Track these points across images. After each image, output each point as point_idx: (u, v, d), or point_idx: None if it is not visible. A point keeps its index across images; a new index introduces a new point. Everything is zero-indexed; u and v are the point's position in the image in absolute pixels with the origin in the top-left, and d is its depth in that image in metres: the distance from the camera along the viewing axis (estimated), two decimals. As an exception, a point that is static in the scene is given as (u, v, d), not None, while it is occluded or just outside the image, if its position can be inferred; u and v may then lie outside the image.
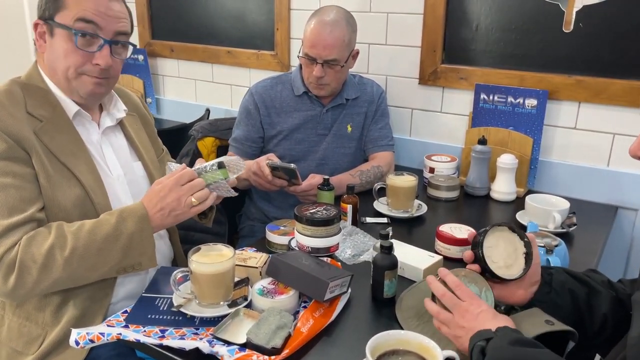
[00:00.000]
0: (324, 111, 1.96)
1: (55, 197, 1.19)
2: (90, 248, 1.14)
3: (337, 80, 1.89)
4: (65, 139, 1.24)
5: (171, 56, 2.93)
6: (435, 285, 1.05)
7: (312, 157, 1.98)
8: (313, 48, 1.81)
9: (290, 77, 1.99)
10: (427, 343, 0.94)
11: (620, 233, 1.89)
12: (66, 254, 1.12)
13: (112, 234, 1.16)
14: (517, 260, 1.11)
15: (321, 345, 1.08)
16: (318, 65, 1.82)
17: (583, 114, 1.92)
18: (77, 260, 1.13)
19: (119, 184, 1.34)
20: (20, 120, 1.18)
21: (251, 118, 1.96)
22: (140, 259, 1.20)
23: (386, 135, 2.04)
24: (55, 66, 1.25)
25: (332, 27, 1.80)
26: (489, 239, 1.11)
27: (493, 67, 2.03)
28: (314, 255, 1.34)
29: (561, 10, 1.86)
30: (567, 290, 1.10)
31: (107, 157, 1.34)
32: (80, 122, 1.31)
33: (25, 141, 1.17)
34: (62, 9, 1.21)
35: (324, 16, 1.82)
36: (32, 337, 1.25)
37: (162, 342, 1.04)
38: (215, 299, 1.13)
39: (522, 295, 1.11)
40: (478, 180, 1.93)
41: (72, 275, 1.15)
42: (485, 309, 0.98)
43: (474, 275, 1.08)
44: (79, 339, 1.05)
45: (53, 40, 1.23)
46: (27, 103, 1.22)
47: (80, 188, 1.23)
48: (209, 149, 2.10)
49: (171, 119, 2.97)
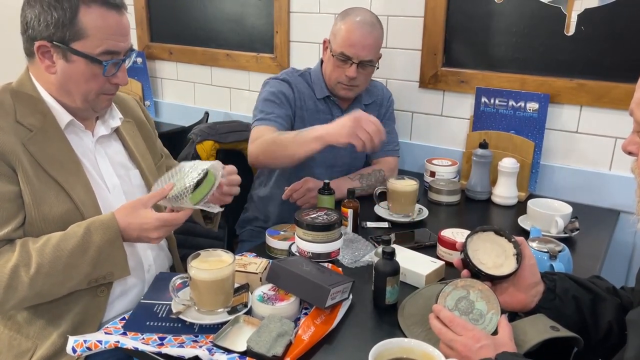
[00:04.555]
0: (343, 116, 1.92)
1: (41, 212, 1.16)
2: (57, 264, 1.11)
3: (366, 82, 1.88)
4: (55, 149, 1.21)
5: (170, 59, 2.91)
6: (434, 323, 1.03)
7: (326, 163, 1.92)
8: (352, 47, 1.77)
9: (312, 78, 1.94)
10: (432, 351, 0.93)
11: (622, 238, 1.87)
12: (31, 273, 1.09)
13: (80, 247, 1.13)
14: (507, 260, 1.11)
15: (323, 353, 1.06)
16: (353, 65, 1.79)
17: (585, 117, 1.91)
18: (43, 278, 1.11)
19: (115, 194, 1.31)
20: (7, 131, 1.16)
21: (287, 99, 1.86)
22: (112, 269, 1.18)
23: (392, 140, 2.02)
24: (70, 89, 1.22)
25: (371, 28, 1.79)
26: (475, 242, 1.13)
27: (494, 70, 2.02)
28: (314, 260, 1.33)
29: (562, 13, 1.85)
30: (571, 297, 1.09)
31: (101, 167, 1.31)
32: (73, 132, 1.27)
33: (11, 155, 1.14)
34: (83, 38, 1.17)
35: (361, 17, 1.80)
36: (22, 350, 1.23)
37: (160, 350, 1.03)
38: (214, 305, 1.12)
39: (523, 300, 1.09)
40: (479, 184, 1.92)
41: (40, 293, 1.12)
42: (485, 344, 0.95)
43: (489, 294, 1.06)
44: (76, 346, 1.04)
45: (70, 65, 1.19)
46: (17, 111, 1.19)
47: (70, 202, 1.20)
48: (208, 153, 2.08)
49: (170, 122, 2.95)
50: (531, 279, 1.09)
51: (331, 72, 1.85)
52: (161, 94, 3.04)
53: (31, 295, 1.12)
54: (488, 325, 1.03)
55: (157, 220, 1.17)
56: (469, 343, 0.95)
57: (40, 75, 1.24)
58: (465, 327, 0.98)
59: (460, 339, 0.97)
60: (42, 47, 1.18)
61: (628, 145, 0.99)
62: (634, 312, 0.92)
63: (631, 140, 0.98)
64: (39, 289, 1.11)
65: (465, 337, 0.96)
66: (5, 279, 1.09)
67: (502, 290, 1.10)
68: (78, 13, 1.16)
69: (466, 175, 2.02)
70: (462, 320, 1.00)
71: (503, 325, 1.01)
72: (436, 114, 2.19)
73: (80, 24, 1.16)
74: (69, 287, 1.16)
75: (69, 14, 1.15)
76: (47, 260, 1.11)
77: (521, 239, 1.12)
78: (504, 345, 0.96)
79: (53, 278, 1.12)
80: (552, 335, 0.99)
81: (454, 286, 1.07)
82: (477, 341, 0.95)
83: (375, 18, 1.84)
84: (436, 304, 1.05)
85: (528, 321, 1.06)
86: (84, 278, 1.15)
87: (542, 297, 1.09)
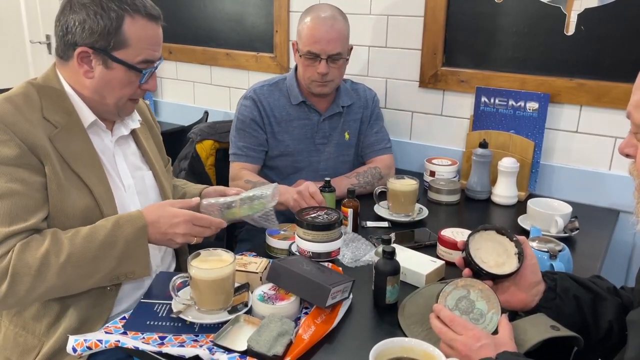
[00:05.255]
0: (321, 120, 1.94)
1: (63, 206, 1.17)
2: (86, 254, 1.12)
3: (340, 76, 1.88)
4: (78, 147, 1.23)
5: (169, 58, 2.91)
6: (434, 323, 1.03)
7: (314, 167, 1.95)
8: (316, 44, 1.78)
9: (286, 85, 1.96)
10: (432, 351, 0.93)
11: (622, 237, 1.88)
12: (61, 260, 1.10)
13: (109, 240, 1.14)
14: (508, 259, 1.10)
15: (323, 352, 1.06)
16: (322, 61, 1.79)
17: (584, 117, 1.91)
18: (72, 267, 1.11)
19: (129, 194, 1.32)
20: (35, 125, 1.17)
21: (257, 124, 1.91)
22: (134, 267, 1.18)
23: (382, 138, 2.03)
24: (105, 94, 1.24)
25: (332, 21, 1.79)
26: (476, 241, 1.13)
27: (494, 70, 2.02)
28: (315, 260, 1.33)
29: (562, 13, 1.85)
30: (572, 296, 1.09)
31: (119, 167, 1.32)
32: (95, 132, 1.29)
33: (40, 148, 1.15)
34: (125, 47, 1.20)
35: (321, 12, 1.81)
36: (28, 347, 1.23)
37: (161, 349, 1.03)
38: (215, 305, 1.12)
39: (523, 299, 1.09)
40: (479, 183, 1.92)
41: (66, 283, 1.13)
42: (485, 344, 0.95)
43: (489, 293, 1.06)
44: (77, 346, 1.04)
45: (109, 71, 1.21)
46: (43, 107, 1.21)
47: (91, 198, 1.21)
48: (208, 152, 2.08)
49: (169, 122, 2.95)
50: (532, 278, 1.09)
51: (304, 72, 1.87)
52: (161, 93, 3.04)
53: (58, 285, 1.12)
54: (488, 324, 1.03)
55: (188, 215, 1.20)
56: (469, 342, 0.95)
57: (72, 77, 1.25)
58: (466, 327, 0.98)
59: (460, 338, 0.97)
60: (83, 53, 1.20)
61: (625, 147, 0.98)
62: (635, 313, 0.92)
63: (628, 142, 0.98)
64: (66, 278, 1.11)
65: (465, 336, 0.96)
66: (37, 264, 1.09)
67: (504, 290, 1.10)
68: (123, 23, 1.19)
69: (466, 174, 2.02)
70: (462, 319, 1.00)
71: (503, 324, 1.01)
72: (436, 114, 2.19)
73: (124, 33, 1.19)
74: (93, 281, 1.16)
75: (115, 24, 1.18)
76: (78, 250, 1.12)
77: (523, 238, 1.12)
78: (504, 344, 0.96)
79: (81, 269, 1.12)
80: (552, 335, 0.99)
81: (454, 286, 1.07)
82: (477, 340, 0.95)
83: (336, 11, 1.84)
84: (436, 303, 1.05)
85: (528, 320, 1.06)
86: (108, 272, 1.16)
87: (542, 297, 1.09)
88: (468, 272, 1.11)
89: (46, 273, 1.10)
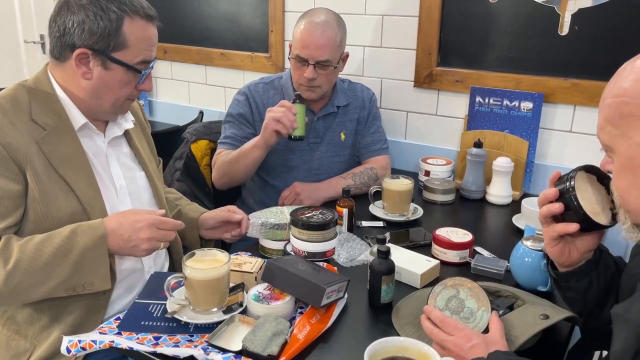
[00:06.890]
0: (315, 119, 1.94)
1: (48, 211, 1.16)
2: (36, 262, 1.10)
3: (328, 82, 1.88)
4: (67, 150, 1.21)
5: (164, 58, 2.90)
6: (425, 324, 1.03)
7: (307, 166, 1.95)
8: (305, 49, 1.79)
9: (282, 83, 1.97)
10: (427, 350, 0.93)
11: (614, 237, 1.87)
12: (9, 268, 1.08)
13: (63, 248, 1.12)
14: (604, 211, 0.99)
15: (318, 352, 1.06)
16: (310, 66, 1.80)
17: (579, 117, 1.91)
18: (21, 274, 1.09)
19: (120, 195, 1.31)
20: (21, 130, 1.15)
21: (246, 119, 1.93)
22: (92, 278, 1.15)
23: (379, 139, 2.03)
24: (102, 95, 1.24)
25: (324, 28, 1.78)
26: (579, 179, 1.00)
27: (488, 70, 2.03)
28: (310, 260, 1.33)
29: (556, 13, 1.86)
30: (609, 275, 1.07)
31: (111, 169, 1.31)
32: (86, 134, 1.28)
33: (22, 154, 1.14)
34: (124, 48, 1.20)
35: (315, 17, 1.81)
36: (20, 351, 1.22)
37: (155, 349, 1.02)
38: (210, 305, 1.12)
39: (574, 257, 1.05)
40: (474, 183, 1.92)
41: (17, 291, 1.11)
42: (476, 343, 0.95)
43: (479, 292, 1.06)
44: (71, 346, 1.03)
45: (108, 72, 1.21)
46: (32, 109, 1.19)
47: (77, 203, 1.20)
48: (203, 152, 2.08)
49: (164, 122, 2.95)
50: (593, 245, 1.05)
51: (293, 74, 1.88)
52: (156, 93, 3.03)
53: (6, 292, 1.10)
54: (479, 323, 1.03)
55: (151, 219, 1.17)
56: (460, 342, 0.96)
57: (67, 78, 1.24)
58: (456, 327, 0.99)
59: (451, 339, 0.97)
60: (82, 54, 1.19)
61: (605, 164, 0.97)
62: (619, 306, 0.92)
63: (607, 160, 0.97)
64: (14, 285, 1.09)
65: (456, 336, 0.97)
66: None
67: (565, 240, 1.05)
68: (123, 24, 1.18)
69: (461, 174, 2.02)
70: (452, 320, 1.01)
71: (494, 322, 1.01)
72: (431, 114, 2.19)
73: (124, 35, 1.19)
74: (47, 290, 1.13)
75: (115, 25, 1.18)
76: (27, 257, 1.10)
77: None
78: (495, 343, 0.96)
79: (31, 276, 1.10)
80: (540, 327, 1.00)
81: (443, 286, 1.07)
82: (468, 340, 0.96)
83: (333, 17, 1.83)
84: (427, 304, 1.06)
85: (516, 314, 1.06)
86: (62, 281, 1.13)
87: (585, 264, 1.06)
88: (559, 207, 1.00)
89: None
